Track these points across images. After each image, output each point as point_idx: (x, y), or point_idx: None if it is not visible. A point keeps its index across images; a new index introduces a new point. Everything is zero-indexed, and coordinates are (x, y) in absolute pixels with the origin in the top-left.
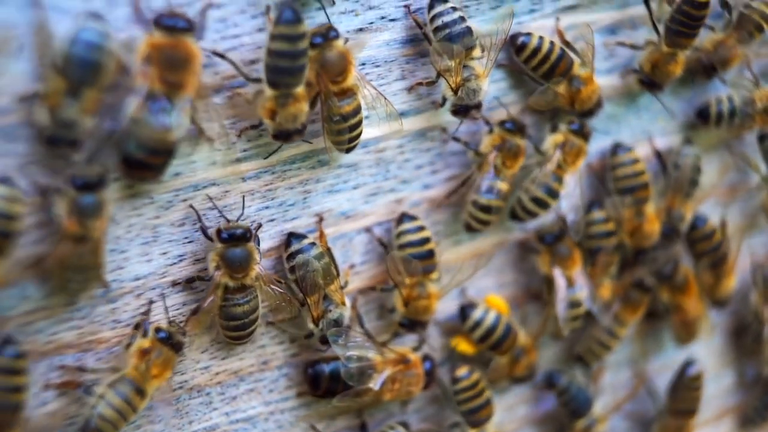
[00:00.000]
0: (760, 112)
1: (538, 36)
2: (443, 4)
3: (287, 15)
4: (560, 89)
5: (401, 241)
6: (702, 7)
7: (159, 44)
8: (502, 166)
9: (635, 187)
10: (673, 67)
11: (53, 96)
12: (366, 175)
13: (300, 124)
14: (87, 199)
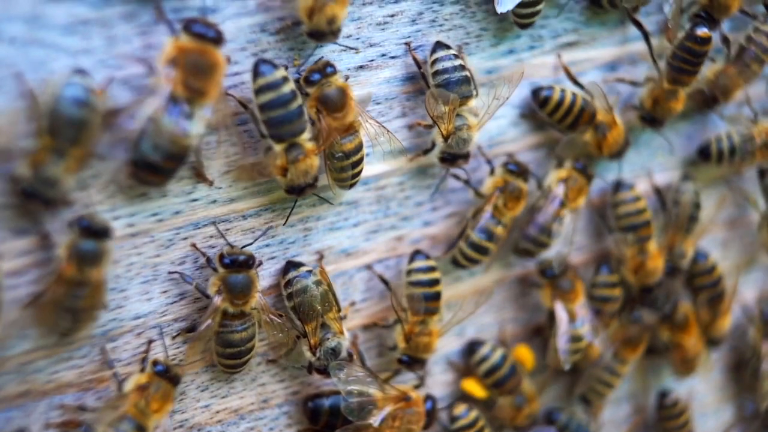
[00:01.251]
0: (760, 148)
1: (560, 89)
2: (445, 49)
3: (262, 67)
4: (587, 137)
5: (411, 279)
6: (704, 43)
7: (186, 48)
8: (504, 208)
9: (638, 226)
10: (675, 103)
11: (38, 153)
12: (366, 212)
13: (311, 178)
14: (88, 246)
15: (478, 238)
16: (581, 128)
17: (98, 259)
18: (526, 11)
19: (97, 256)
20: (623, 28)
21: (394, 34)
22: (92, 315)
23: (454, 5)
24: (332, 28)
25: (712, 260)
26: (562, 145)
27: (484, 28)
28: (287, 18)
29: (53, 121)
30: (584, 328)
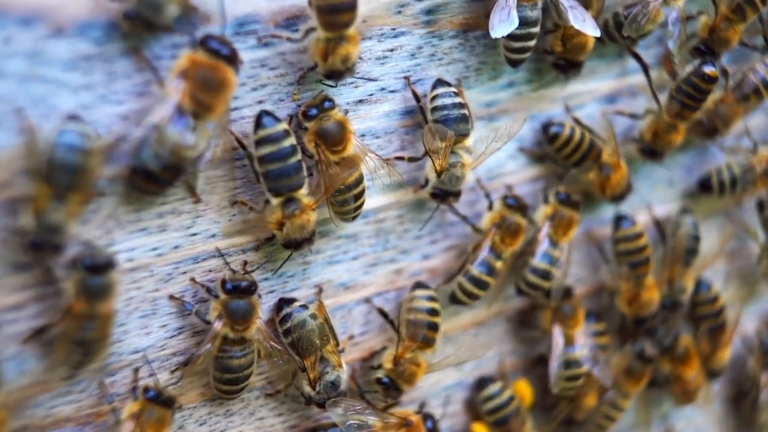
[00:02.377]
0: (761, 176)
1: (570, 125)
2: (446, 86)
3: (264, 119)
4: (590, 176)
5: (412, 305)
6: (711, 81)
7: (199, 62)
8: (501, 243)
9: (637, 263)
10: (675, 136)
11: (39, 200)
12: (365, 245)
13: (308, 233)
14: (95, 281)
15: (478, 272)
16: (586, 166)
17: (106, 292)
18: (517, 45)
19: (105, 289)
20: (622, 60)
21: (394, 68)
22: (104, 346)
23: (453, 39)
24: (347, 66)
25: (715, 290)
26: (566, 182)
27: (483, 62)
28: (303, 66)
29: (50, 169)
30: (582, 353)
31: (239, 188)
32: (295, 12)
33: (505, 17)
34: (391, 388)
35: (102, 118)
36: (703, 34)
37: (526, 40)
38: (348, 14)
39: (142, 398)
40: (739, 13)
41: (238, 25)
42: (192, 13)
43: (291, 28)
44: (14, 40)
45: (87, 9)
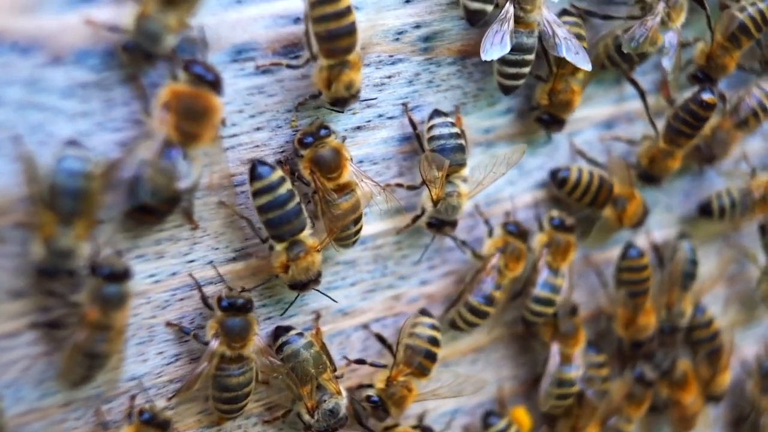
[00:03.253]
0: (759, 202)
1: (577, 168)
2: (443, 117)
3: (258, 170)
4: (606, 212)
5: (414, 330)
6: (709, 108)
7: (180, 93)
8: (505, 268)
9: (638, 293)
10: (671, 162)
11: (45, 228)
12: (363, 271)
13: (314, 274)
14: (112, 290)
15: (477, 303)
16: (600, 204)
17: (122, 301)
18: (511, 71)
19: (121, 299)
20: (619, 86)
21: (391, 95)
22: (107, 361)
23: (451, 66)
24: (351, 93)
25: (709, 313)
26: (593, 235)
27: (481, 88)
28: (301, 94)
29: (54, 196)
30: (577, 373)
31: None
32: (292, 39)
33: (498, 41)
34: (380, 408)
35: (99, 146)
36: (700, 61)
37: (520, 67)
38: (347, 39)
39: (137, 421)
40: (734, 41)
41: (235, 53)
42: (191, 42)
43: (289, 55)
44: (12, 67)
45: (85, 37)
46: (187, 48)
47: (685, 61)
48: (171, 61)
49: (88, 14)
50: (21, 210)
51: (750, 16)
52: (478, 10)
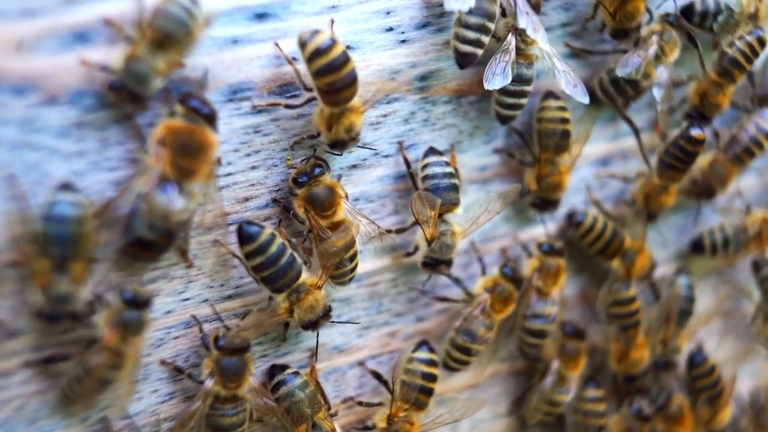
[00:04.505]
0: (753, 238)
1: (593, 215)
2: (437, 156)
3: (248, 233)
4: (615, 264)
5: (411, 366)
6: (698, 144)
7: (175, 128)
8: (491, 309)
9: (628, 326)
10: (666, 198)
11: (41, 275)
12: (359, 308)
13: (321, 311)
14: (133, 315)
15: (462, 340)
16: (609, 256)
17: (141, 328)
18: (509, 101)
19: (141, 325)
20: (614, 124)
21: (387, 134)
22: (108, 386)
23: (446, 105)
24: (351, 136)
25: (711, 361)
26: (604, 293)
27: (477, 126)
28: (298, 133)
29: (46, 243)
30: (567, 397)
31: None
32: (288, 79)
33: (500, 71)
34: None
35: (94, 185)
36: (694, 100)
37: (518, 97)
38: (349, 90)
39: None
40: (727, 76)
41: (231, 92)
42: (186, 82)
43: (285, 94)
44: (7, 107)
45: (79, 77)
46: (183, 87)
47: (680, 100)
48: (166, 98)
49: (82, 55)
50: (15, 249)
51: (739, 49)
52: (468, 53)
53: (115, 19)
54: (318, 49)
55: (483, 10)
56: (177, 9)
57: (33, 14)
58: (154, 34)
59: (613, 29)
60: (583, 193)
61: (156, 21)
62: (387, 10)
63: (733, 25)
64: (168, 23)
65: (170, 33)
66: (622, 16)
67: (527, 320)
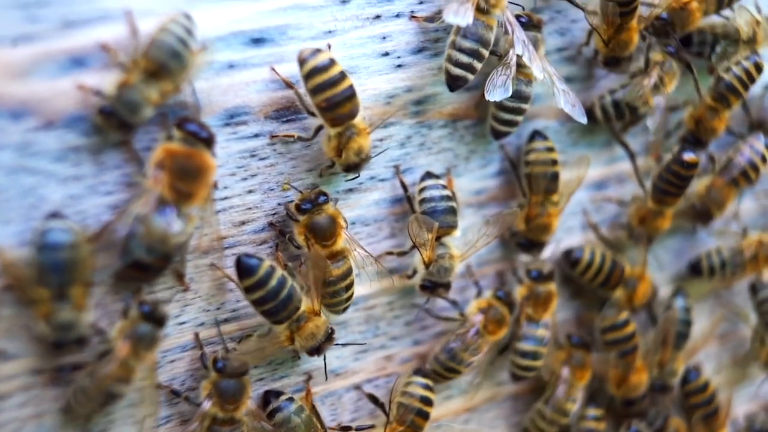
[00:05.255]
0: (750, 261)
1: (590, 249)
2: (434, 179)
3: (247, 266)
4: (617, 293)
5: (407, 390)
6: (691, 167)
7: (174, 152)
8: (484, 330)
9: (626, 351)
10: (661, 222)
11: (42, 305)
12: (356, 332)
13: (322, 337)
14: (147, 329)
15: (443, 357)
16: (611, 287)
17: (153, 344)
18: (506, 117)
19: (153, 341)
20: (610, 148)
21: (383, 158)
22: (115, 402)
23: (442, 129)
24: (362, 158)
25: (704, 377)
26: (604, 313)
27: (473, 150)
28: (324, 163)
29: (42, 273)
30: (573, 407)
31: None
32: (284, 103)
33: (501, 84)
34: None
35: (91, 209)
36: (690, 125)
37: (515, 114)
38: (348, 104)
39: None
40: (722, 101)
41: (228, 117)
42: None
43: (281, 119)
44: (4, 132)
45: (76, 102)
46: (180, 112)
47: (675, 125)
48: (163, 122)
49: (79, 80)
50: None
51: (736, 75)
52: (459, 76)
53: (112, 44)
54: (316, 67)
55: (478, 36)
56: (172, 40)
57: (30, 39)
58: (148, 63)
59: (606, 57)
60: (579, 217)
61: (150, 51)
62: (383, 35)
63: (731, 53)
64: (162, 54)
65: (164, 64)
66: (615, 44)
67: (519, 342)
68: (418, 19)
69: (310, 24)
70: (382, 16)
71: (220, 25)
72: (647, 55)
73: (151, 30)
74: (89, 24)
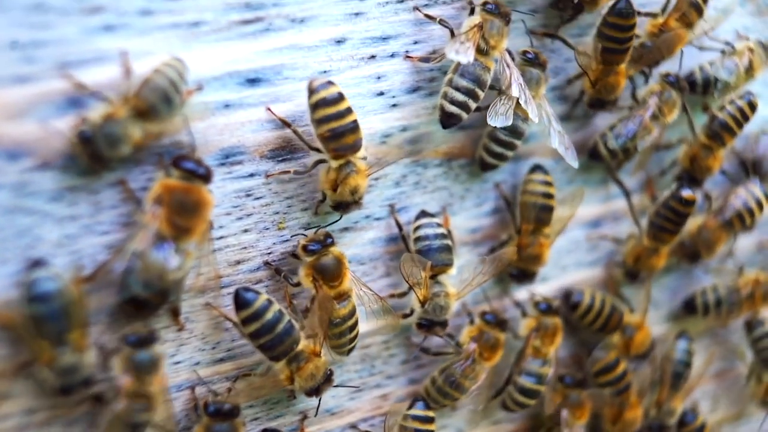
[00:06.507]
0: (746, 299)
1: (590, 293)
2: (428, 217)
3: (243, 298)
4: (614, 339)
5: (405, 423)
6: (688, 205)
7: (172, 187)
8: (480, 357)
9: (620, 391)
10: (656, 260)
11: (43, 354)
12: (351, 371)
13: (322, 378)
14: (143, 355)
15: (442, 382)
16: (609, 331)
17: (155, 365)
18: (497, 149)
19: (153, 363)
20: (605, 186)
21: (379, 197)
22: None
23: (437, 168)
24: (355, 198)
25: (701, 419)
26: (594, 355)
27: (468, 189)
28: (317, 196)
29: (37, 325)
30: None
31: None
32: (280, 143)
33: (503, 111)
34: None
35: (86, 249)
36: (685, 163)
37: (506, 148)
38: (352, 136)
39: None
40: (717, 140)
41: (223, 156)
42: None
43: (277, 158)
44: (0, 172)
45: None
46: (176, 152)
47: (670, 163)
48: (159, 162)
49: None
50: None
51: (730, 113)
52: (454, 114)
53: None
54: (325, 99)
55: (475, 76)
56: (164, 82)
57: (26, 80)
58: (139, 102)
59: (591, 98)
60: (574, 255)
61: (142, 91)
62: (378, 74)
63: (732, 88)
64: (153, 95)
65: (154, 105)
66: (602, 86)
67: (521, 377)
68: (413, 59)
69: (305, 64)
70: (377, 56)
71: (217, 65)
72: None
73: (145, 71)
74: (86, 65)
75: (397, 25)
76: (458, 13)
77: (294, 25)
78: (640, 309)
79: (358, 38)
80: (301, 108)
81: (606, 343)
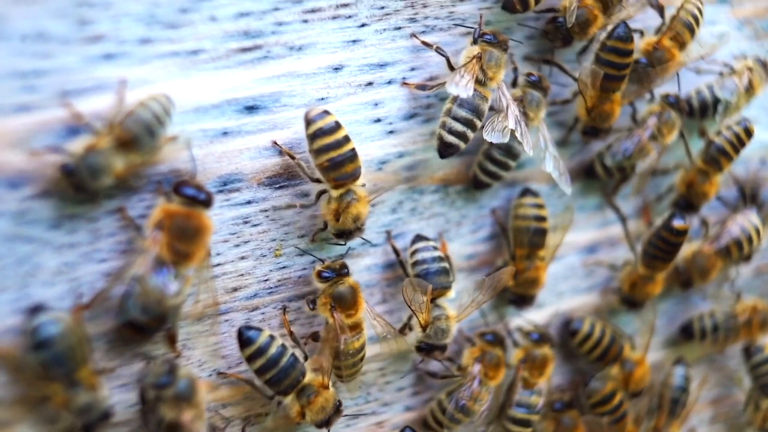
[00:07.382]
0: (744, 326)
1: (590, 321)
2: (425, 241)
3: (246, 336)
4: (613, 371)
5: None
6: (680, 234)
7: (173, 212)
8: (485, 377)
9: (617, 420)
10: (652, 287)
11: (56, 397)
12: (347, 398)
13: (331, 411)
14: (180, 388)
15: (452, 408)
16: (607, 362)
17: (191, 395)
18: (491, 168)
19: (191, 391)
20: (602, 212)
21: (375, 223)
22: None
23: (434, 194)
24: (357, 225)
25: None
26: (592, 385)
27: (464, 215)
28: (317, 226)
29: (46, 368)
30: None
31: (220, 343)
32: (277, 170)
33: (500, 129)
34: None
35: (85, 276)
36: (681, 188)
37: (500, 167)
38: (351, 165)
39: None
40: (713, 164)
41: (221, 184)
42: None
43: (274, 185)
44: (1, 200)
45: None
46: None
47: (666, 188)
48: (158, 189)
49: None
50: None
51: (726, 138)
52: (452, 144)
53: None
54: (322, 129)
55: (474, 106)
56: (149, 116)
57: (28, 109)
58: (122, 133)
59: (585, 126)
60: (570, 282)
61: (126, 122)
62: (375, 101)
63: (734, 108)
64: (137, 127)
65: (137, 137)
66: (597, 114)
67: (511, 408)
68: (409, 85)
69: (303, 91)
70: (374, 83)
71: (215, 92)
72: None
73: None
74: (86, 94)
75: (394, 52)
76: (455, 39)
77: (292, 52)
78: (642, 345)
79: (355, 65)
80: (299, 135)
81: (603, 374)
